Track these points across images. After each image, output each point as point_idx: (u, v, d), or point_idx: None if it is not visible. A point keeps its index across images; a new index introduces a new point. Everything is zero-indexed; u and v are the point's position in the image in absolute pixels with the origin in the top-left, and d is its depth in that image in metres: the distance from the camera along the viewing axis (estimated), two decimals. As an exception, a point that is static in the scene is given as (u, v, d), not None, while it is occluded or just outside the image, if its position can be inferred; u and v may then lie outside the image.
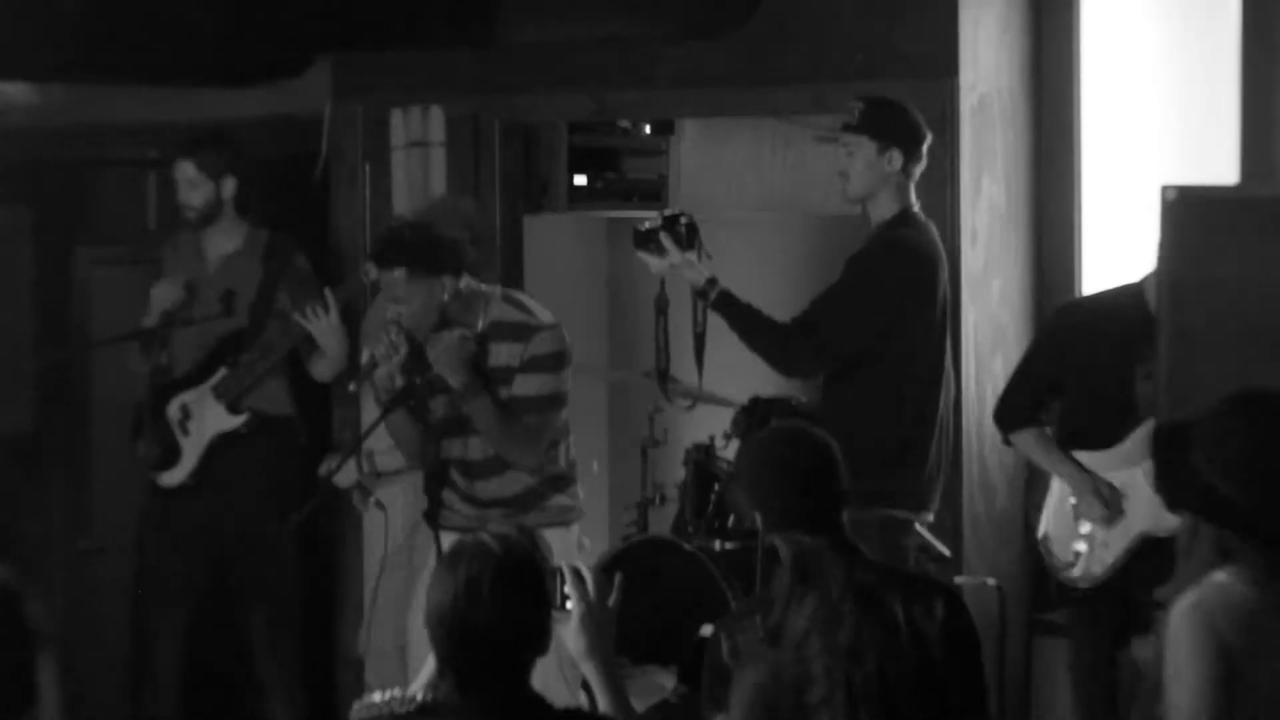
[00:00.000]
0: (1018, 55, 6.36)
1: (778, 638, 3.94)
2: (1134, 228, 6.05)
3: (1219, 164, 6.01)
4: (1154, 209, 5.53)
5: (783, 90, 6.43)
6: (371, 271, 5.65)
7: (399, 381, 5.45)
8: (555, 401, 5.48)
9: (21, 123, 7.04)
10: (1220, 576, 3.68)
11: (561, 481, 5.68)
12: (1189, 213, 5.45)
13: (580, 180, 7.35)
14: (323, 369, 6.38)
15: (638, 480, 7.61)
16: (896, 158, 5.66)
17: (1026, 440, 5.87)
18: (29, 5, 6.62)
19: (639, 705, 6.85)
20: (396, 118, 6.81)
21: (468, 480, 5.61)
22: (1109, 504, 5.68)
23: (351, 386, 5.74)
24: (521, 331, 5.45)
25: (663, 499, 7.50)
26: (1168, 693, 3.66)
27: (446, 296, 5.40)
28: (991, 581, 6.09)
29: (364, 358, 5.59)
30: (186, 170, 6.41)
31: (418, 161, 6.78)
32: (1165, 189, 5.49)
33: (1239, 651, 3.61)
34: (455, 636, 3.38)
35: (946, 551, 5.95)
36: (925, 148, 5.73)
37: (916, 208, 5.75)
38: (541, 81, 6.77)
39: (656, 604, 6.87)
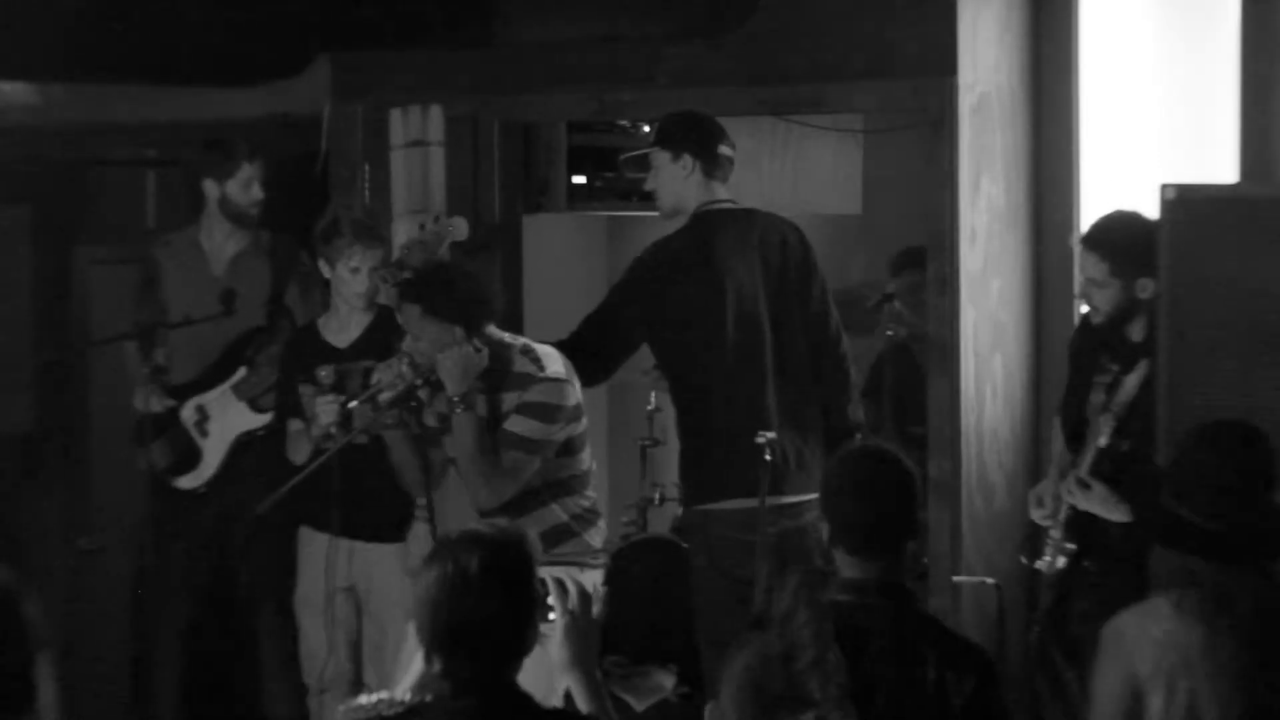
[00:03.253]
0: (1017, 54, 6.35)
1: (762, 623, 3.94)
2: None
3: (1219, 164, 6.00)
4: (1153, 208, 5.54)
5: (783, 90, 6.42)
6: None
7: (388, 415, 5.54)
8: (532, 446, 5.53)
9: (21, 122, 7.04)
10: (1151, 602, 3.97)
11: (576, 527, 5.70)
12: (1188, 212, 5.45)
13: (579, 180, 7.35)
14: None
15: (637, 480, 7.61)
16: (689, 162, 5.97)
17: (1055, 433, 5.96)
18: (29, 5, 6.62)
19: (639, 705, 6.87)
20: (396, 117, 6.81)
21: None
22: (1043, 504, 5.68)
23: (351, 404, 5.74)
24: (525, 381, 5.56)
25: (662, 499, 7.51)
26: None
27: (458, 344, 5.49)
28: (990, 581, 6.09)
29: (373, 379, 5.63)
30: (258, 169, 6.43)
31: (417, 161, 6.77)
32: (1165, 188, 5.50)
33: (1144, 678, 3.91)
34: (443, 626, 3.38)
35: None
36: (723, 148, 6.01)
37: (722, 203, 6.00)
38: (541, 81, 6.76)
39: (656, 604, 6.87)
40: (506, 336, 5.66)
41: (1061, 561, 5.59)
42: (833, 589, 4.02)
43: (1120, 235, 5.57)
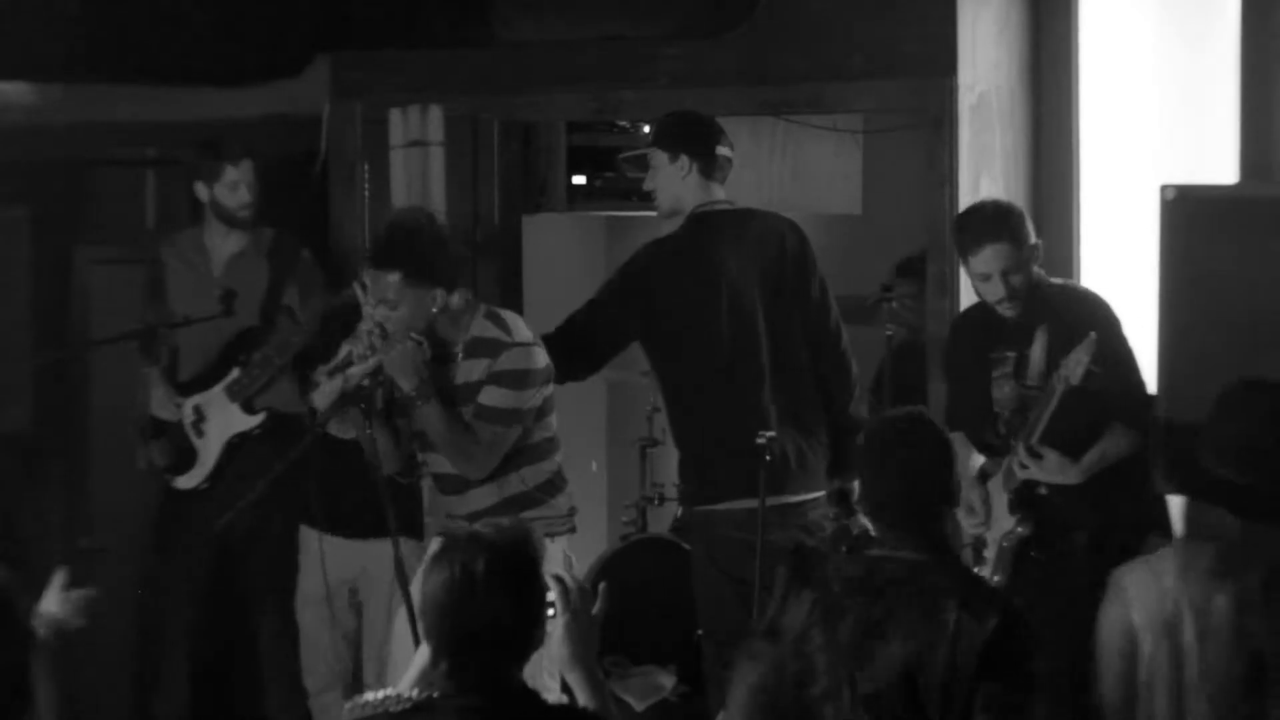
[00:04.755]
0: (1016, 54, 6.35)
1: (775, 634, 3.92)
2: (1133, 227, 6.04)
3: (1219, 164, 6.00)
4: (1153, 208, 5.54)
5: (783, 90, 6.42)
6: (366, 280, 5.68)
7: (365, 384, 5.45)
8: (511, 417, 5.44)
9: (21, 122, 7.04)
10: (1163, 552, 4.04)
11: (539, 495, 5.60)
12: (1188, 212, 5.46)
13: (579, 180, 7.36)
14: None
15: (637, 480, 7.62)
16: (686, 163, 5.95)
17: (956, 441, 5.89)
18: (29, 5, 6.62)
19: (639, 705, 6.87)
20: (395, 117, 6.81)
21: (441, 494, 5.61)
22: (975, 512, 5.62)
23: (320, 377, 5.70)
24: (493, 347, 5.46)
25: (662, 499, 7.51)
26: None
27: (436, 309, 5.41)
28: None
29: (341, 353, 5.56)
30: (245, 171, 6.42)
31: (416, 161, 6.78)
32: (1165, 188, 5.50)
33: (1140, 626, 3.98)
34: (449, 627, 3.39)
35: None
36: (721, 149, 5.98)
37: (719, 204, 5.97)
38: (541, 81, 6.77)
39: (656, 604, 6.87)
40: (469, 301, 5.54)
41: (998, 577, 5.52)
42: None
43: (1004, 217, 5.53)
